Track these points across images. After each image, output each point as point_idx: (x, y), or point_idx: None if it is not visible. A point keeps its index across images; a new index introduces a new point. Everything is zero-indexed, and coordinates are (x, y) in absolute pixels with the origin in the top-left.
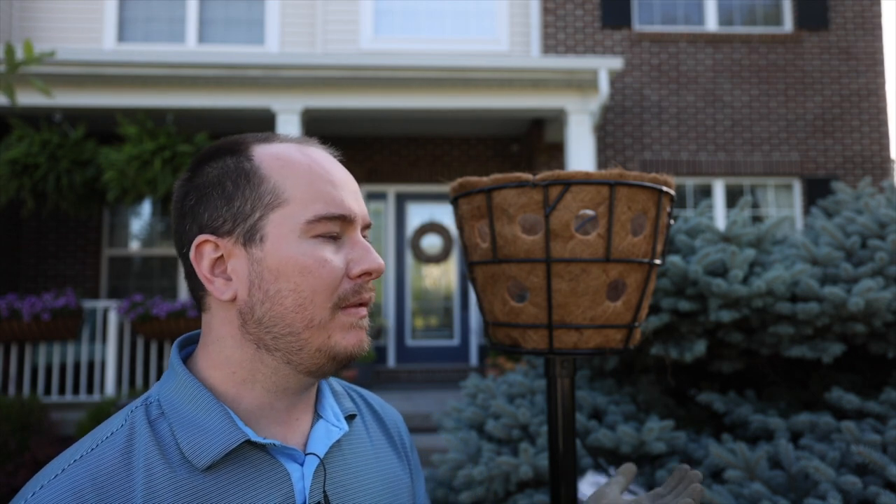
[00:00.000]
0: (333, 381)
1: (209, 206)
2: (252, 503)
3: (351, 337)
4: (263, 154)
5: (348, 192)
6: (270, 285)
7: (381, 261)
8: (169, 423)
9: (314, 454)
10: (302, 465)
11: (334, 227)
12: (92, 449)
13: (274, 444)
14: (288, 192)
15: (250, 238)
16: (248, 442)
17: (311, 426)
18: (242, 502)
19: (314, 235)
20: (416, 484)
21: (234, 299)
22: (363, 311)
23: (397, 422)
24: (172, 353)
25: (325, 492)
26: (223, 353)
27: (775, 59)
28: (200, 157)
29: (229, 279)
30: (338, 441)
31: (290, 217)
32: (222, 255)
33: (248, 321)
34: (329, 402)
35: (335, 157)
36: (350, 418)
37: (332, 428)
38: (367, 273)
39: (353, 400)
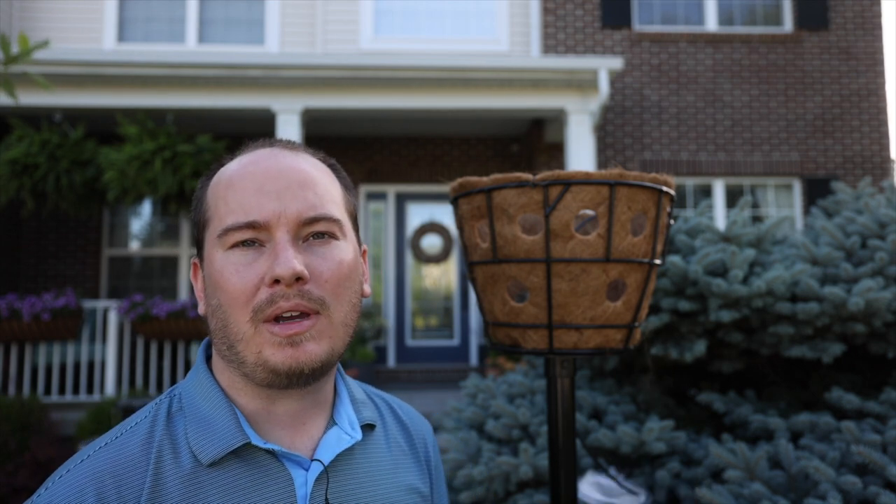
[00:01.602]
0: (355, 387)
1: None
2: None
3: (279, 354)
4: (214, 176)
5: (269, 194)
6: (212, 299)
7: (290, 265)
8: (185, 417)
9: (318, 461)
10: (307, 470)
11: (246, 235)
12: (117, 437)
13: (276, 450)
14: (211, 210)
15: (201, 257)
16: (253, 444)
17: (324, 432)
18: (243, 503)
19: (229, 247)
20: (437, 499)
21: (205, 313)
22: (294, 326)
23: (425, 434)
24: (199, 351)
25: (326, 499)
26: (215, 357)
27: (775, 59)
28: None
29: None
30: (350, 449)
31: (211, 234)
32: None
33: (210, 333)
34: (346, 410)
35: (302, 150)
36: (368, 428)
37: (343, 436)
38: (276, 280)
39: (377, 407)
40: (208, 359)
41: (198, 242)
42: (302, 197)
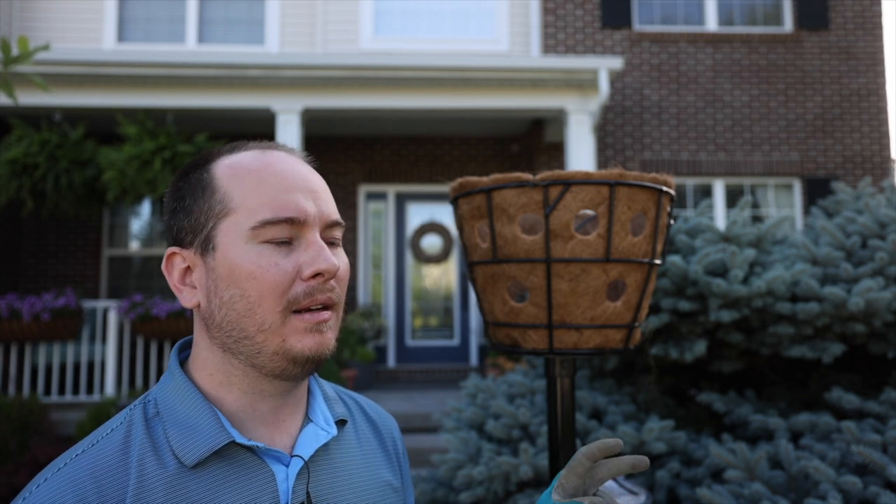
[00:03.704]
0: (327, 386)
1: (177, 220)
2: (236, 502)
3: (307, 340)
4: (219, 165)
5: (302, 193)
6: (224, 291)
7: (333, 261)
8: (163, 421)
9: (299, 456)
10: (287, 466)
11: (283, 230)
12: (93, 445)
13: (258, 446)
14: (235, 201)
15: (205, 248)
16: (235, 443)
17: (301, 429)
18: (227, 500)
19: (262, 241)
20: (406, 489)
21: (198, 306)
22: (323, 314)
23: (392, 429)
24: (171, 355)
25: (307, 492)
26: (201, 355)
27: (775, 59)
28: (177, 174)
29: (194, 287)
30: (325, 445)
31: (237, 224)
32: (189, 266)
33: (211, 326)
34: (320, 407)
35: (307, 159)
36: (341, 423)
37: (320, 432)
38: (319, 274)
39: (346, 405)
40: (182, 362)
41: (195, 230)
42: (325, 201)
